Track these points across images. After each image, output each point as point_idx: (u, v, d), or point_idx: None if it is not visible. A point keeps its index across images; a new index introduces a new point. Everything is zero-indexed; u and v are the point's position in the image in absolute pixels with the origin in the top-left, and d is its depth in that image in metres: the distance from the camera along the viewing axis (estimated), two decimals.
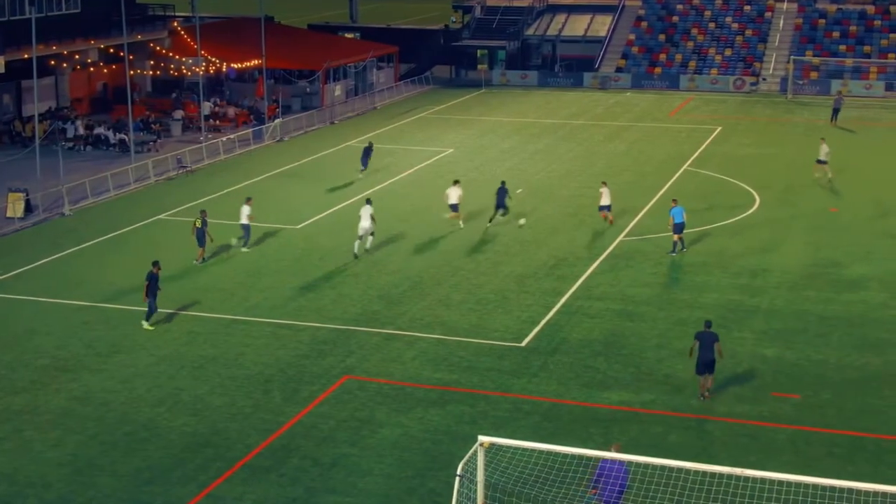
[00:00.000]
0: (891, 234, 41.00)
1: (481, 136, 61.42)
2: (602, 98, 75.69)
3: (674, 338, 30.66)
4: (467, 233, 41.24)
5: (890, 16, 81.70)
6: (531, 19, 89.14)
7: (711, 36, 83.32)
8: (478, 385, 27.53)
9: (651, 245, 39.51)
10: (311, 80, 71.50)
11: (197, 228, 37.67)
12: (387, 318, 32.23)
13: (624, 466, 20.25)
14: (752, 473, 19.61)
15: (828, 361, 29.02)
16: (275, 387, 27.37)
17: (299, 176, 51.61)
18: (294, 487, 22.38)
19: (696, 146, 57.71)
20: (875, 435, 24.83)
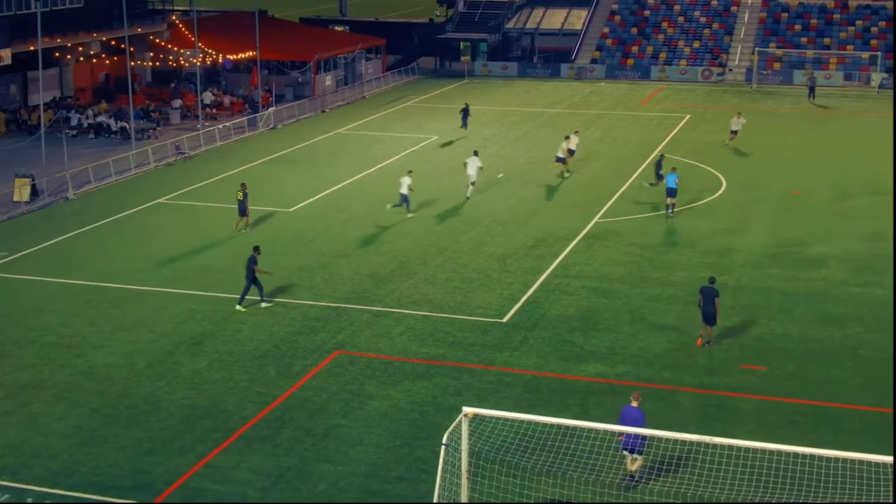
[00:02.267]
0: (850, 215, 41.02)
1: None
2: (578, 88, 75.52)
3: (646, 313, 30.61)
4: (451, 214, 41.09)
5: (848, 10, 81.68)
6: (511, 13, 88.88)
7: (681, 29, 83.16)
8: (462, 359, 27.44)
9: (624, 226, 39.44)
10: (303, 71, 71.15)
11: (238, 200, 38.70)
12: (376, 296, 32.09)
13: (641, 413, 20.86)
14: (719, 441, 19.60)
15: (791, 335, 29.01)
16: (269, 362, 27.22)
17: (292, 161, 51.34)
18: (288, 457, 22.26)
19: (667, 133, 57.62)
20: (836, 404, 24.84)
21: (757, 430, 23.37)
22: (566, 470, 20.88)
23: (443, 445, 18.99)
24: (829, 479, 20.00)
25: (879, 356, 27.57)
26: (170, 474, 21.52)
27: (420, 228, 39.35)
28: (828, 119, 61.24)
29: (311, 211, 42.16)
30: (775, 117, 61.58)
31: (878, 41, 78.08)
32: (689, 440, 21.30)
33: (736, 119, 53.92)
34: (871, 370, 26.73)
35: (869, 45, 77.82)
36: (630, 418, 20.89)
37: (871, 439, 22.85)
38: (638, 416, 20.88)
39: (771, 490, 19.89)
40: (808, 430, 23.52)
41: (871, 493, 19.37)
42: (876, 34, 78.97)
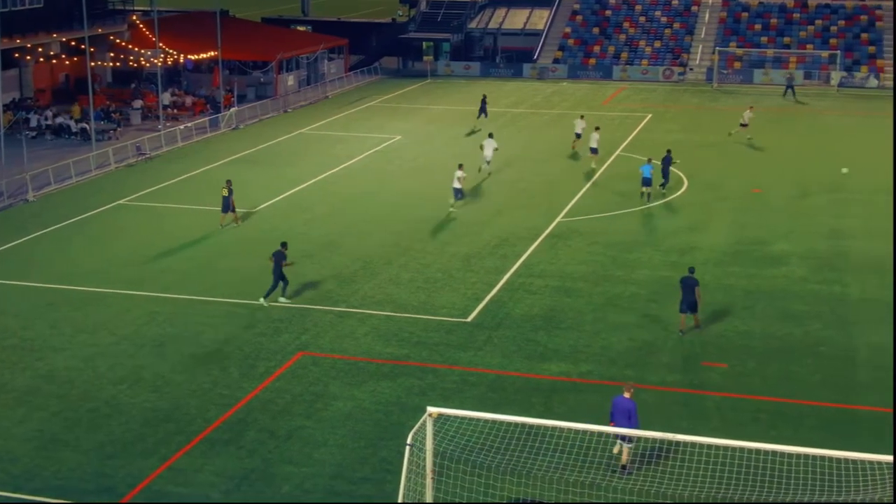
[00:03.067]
0: (810, 213, 41.40)
1: (428, 124, 61.20)
2: (541, 87, 75.71)
3: (609, 312, 30.74)
4: (415, 214, 41.09)
5: (808, 9, 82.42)
6: (473, 13, 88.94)
7: (642, 29, 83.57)
8: (426, 359, 27.44)
9: (587, 225, 39.60)
10: (265, 71, 70.84)
11: (224, 197, 38.87)
12: (340, 297, 32.02)
13: (633, 404, 21.25)
14: (683, 438, 19.74)
15: (752, 332, 29.25)
16: (232, 364, 27.09)
17: (255, 162, 51.12)
18: (252, 459, 22.17)
19: (629, 132, 57.89)
20: (796, 401, 25.06)
21: (720, 426, 23.55)
22: (531, 468, 20.95)
23: (407, 445, 18.98)
24: (791, 475, 20.20)
25: (839, 353, 27.86)
26: (132, 478, 21.36)
27: (384, 228, 39.31)
28: (788, 118, 61.75)
29: (275, 211, 42.00)
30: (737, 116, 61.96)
31: (837, 40, 78.85)
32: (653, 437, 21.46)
33: (748, 112, 55.50)
34: (831, 367, 27.00)
35: (828, 44, 78.56)
36: (622, 409, 21.24)
37: (831, 435, 23.09)
38: (630, 407, 21.22)
39: (734, 487, 20.03)
40: (770, 426, 23.72)
41: (832, 488, 19.57)
42: (835, 33, 79.75)
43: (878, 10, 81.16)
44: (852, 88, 73.90)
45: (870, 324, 29.78)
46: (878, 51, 77.88)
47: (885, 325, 29.61)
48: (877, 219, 40.34)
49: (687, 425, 23.15)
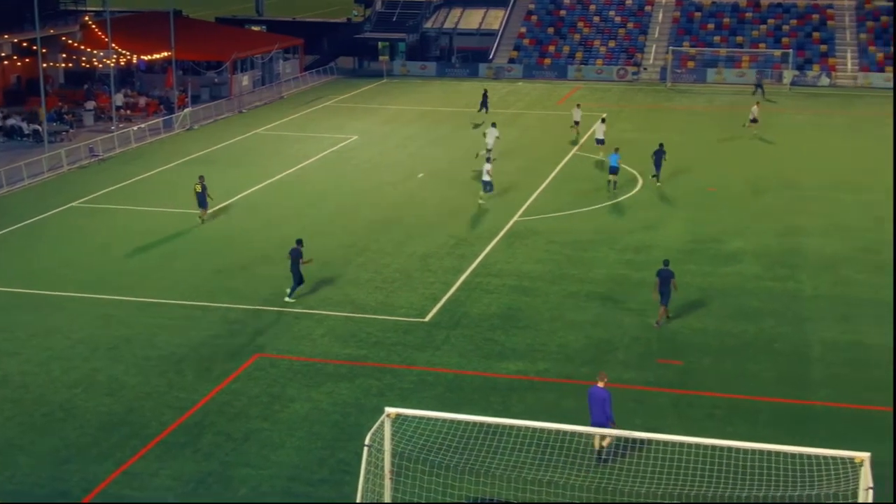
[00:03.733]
0: (763, 211, 41.81)
1: (384, 124, 61.14)
2: (496, 87, 75.79)
3: (566, 310, 30.87)
4: (372, 215, 41.04)
5: (760, 8, 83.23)
6: (429, 13, 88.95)
7: (596, 29, 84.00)
8: (384, 359, 27.41)
9: (544, 224, 39.75)
10: (219, 71, 70.40)
11: (197, 193, 39.17)
12: (297, 298, 31.87)
13: (607, 392, 21.73)
14: (639, 435, 19.92)
15: (707, 330, 29.49)
16: (188, 366, 26.90)
17: (209, 162, 50.78)
18: (208, 462, 22.03)
19: (584, 132, 58.11)
20: (751, 397, 25.30)
21: (675, 423, 23.73)
22: (489, 467, 20.99)
23: (365, 446, 18.94)
24: (747, 471, 20.40)
25: (793, 349, 28.17)
26: (87, 482, 21.16)
27: (341, 229, 39.22)
28: (742, 116, 62.24)
29: (231, 212, 41.75)
30: (691, 115, 62.50)
31: (789, 39, 79.71)
32: (609, 435, 21.60)
33: (755, 108, 57.49)
34: (786, 363, 27.29)
35: (781, 43, 79.40)
36: (596, 398, 21.64)
37: (785, 431, 23.34)
38: (604, 396, 21.60)
39: (691, 483, 20.19)
40: (725, 422, 23.93)
41: (788, 484, 19.78)
42: (787, 32, 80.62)
43: (830, 10, 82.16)
44: (804, 87, 74.71)
45: (823, 320, 30.14)
46: (829, 49, 78.81)
47: (838, 322, 29.99)
48: (829, 216, 40.83)
49: (643, 422, 23.30)
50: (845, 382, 26.10)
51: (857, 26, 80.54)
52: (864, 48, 78.51)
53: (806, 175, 47.68)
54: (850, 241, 37.52)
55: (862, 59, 77.67)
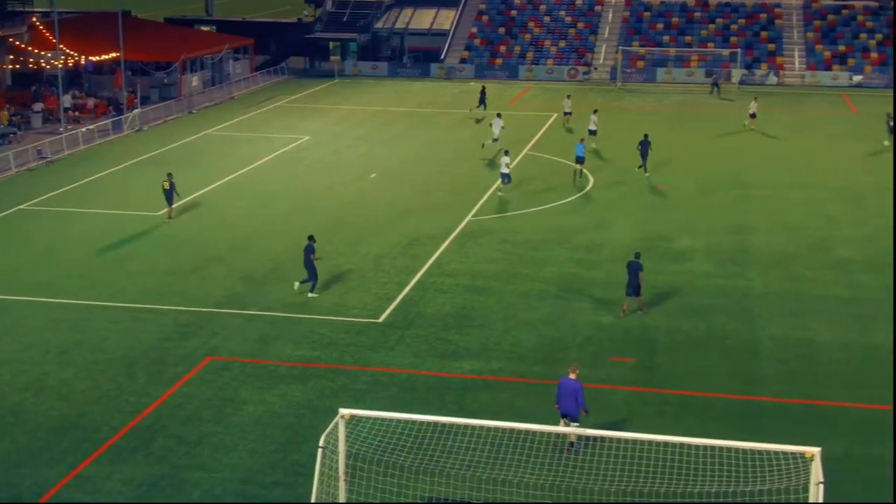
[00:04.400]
0: (713, 209, 42.19)
1: (336, 124, 60.97)
2: (448, 87, 75.92)
3: (519, 309, 30.96)
4: (325, 215, 40.91)
5: (709, 7, 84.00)
6: (380, 13, 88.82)
7: (547, 29, 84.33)
8: (338, 360, 27.33)
9: (497, 224, 39.84)
10: (168, 72, 69.81)
11: (165, 190, 39.47)
12: (249, 300, 31.72)
13: (579, 383, 22.08)
14: (591, 433, 20.04)
15: (659, 327, 29.71)
16: (139, 369, 26.65)
17: (160, 164, 50.30)
18: (161, 466, 21.84)
19: (535, 132, 58.38)
20: (702, 393, 25.52)
21: (628, 420, 23.88)
22: (444, 467, 21.00)
23: (319, 448, 18.87)
24: (700, 467, 20.56)
25: (744, 345, 28.45)
26: (39, 486, 20.90)
27: (294, 229, 39.03)
28: (691, 115, 62.82)
29: (182, 214, 41.39)
30: (641, 114, 62.92)
31: (737, 38, 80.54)
32: (563, 432, 21.70)
33: (753, 103, 59.13)
34: (737, 359, 27.56)
35: (729, 43, 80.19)
36: (567, 389, 21.97)
37: (737, 427, 23.57)
38: (576, 387, 21.91)
39: (644, 479, 20.32)
40: (678, 419, 24.11)
41: (740, 479, 19.97)
42: (735, 31, 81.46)
43: (778, 9, 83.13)
44: (753, 86, 75.48)
45: (773, 317, 30.47)
46: (777, 48, 79.73)
47: (788, 318, 30.33)
48: (778, 214, 41.30)
49: (596, 420, 23.40)
50: (796, 378, 26.41)
51: (805, 25, 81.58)
52: (812, 47, 79.53)
53: (755, 173, 48.19)
54: (799, 239, 37.98)
55: (809, 58, 78.67)
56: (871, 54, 78.02)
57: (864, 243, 37.38)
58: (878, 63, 77.27)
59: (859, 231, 38.94)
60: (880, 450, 22.66)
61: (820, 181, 46.67)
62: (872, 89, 74.46)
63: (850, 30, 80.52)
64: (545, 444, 22.08)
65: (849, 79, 76.09)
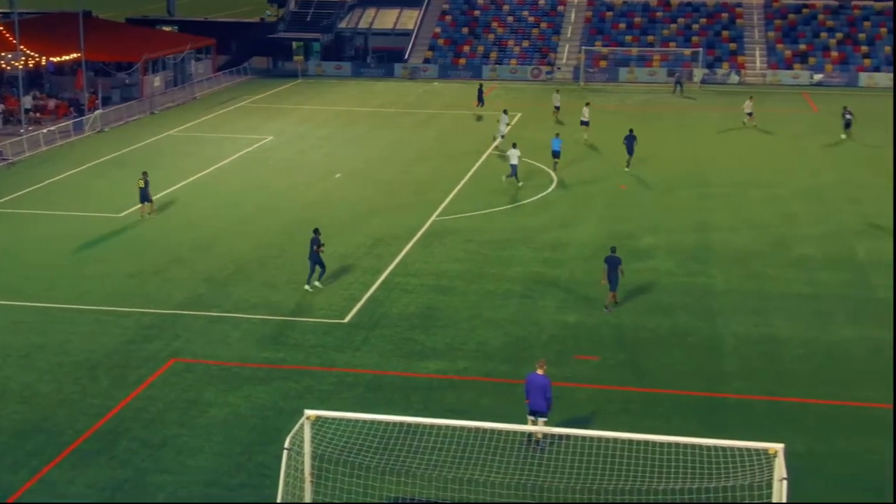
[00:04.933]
0: (675, 207, 42.44)
1: (299, 124, 60.79)
2: (412, 87, 75.91)
3: (484, 309, 31.00)
4: (289, 216, 40.76)
5: (670, 7, 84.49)
6: (343, 13, 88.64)
7: (510, 29, 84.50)
8: (303, 361, 27.25)
9: (462, 224, 39.86)
10: (130, 72, 69.29)
11: (141, 189, 39.87)
12: (213, 301, 31.55)
13: (547, 379, 22.15)
14: (556, 431, 20.10)
15: (623, 325, 29.84)
16: (102, 372, 26.44)
17: (121, 165, 49.96)
18: (124, 469, 21.67)
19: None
20: (667, 391, 25.67)
21: (592, 418, 23.98)
22: (409, 467, 20.99)
23: (285, 450, 18.81)
24: (664, 464, 20.68)
25: (706, 343, 28.64)
26: (3, 490, 20.68)
27: (257, 230, 38.88)
28: (653, 114, 63.14)
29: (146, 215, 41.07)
30: (604, 114, 63.15)
31: (699, 38, 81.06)
32: (528, 430, 21.76)
33: (748, 102, 60.32)
34: (699, 356, 27.74)
35: (691, 42, 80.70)
36: (536, 384, 22.07)
37: (700, 424, 23.73)
38: (544, 383, 22.00)
39: (609, 477, 20.40)
40: (642, 416, 24.23)
41: (704, 475, 20.09)
42: (697, 31, 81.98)
43: (739, 8, 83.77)
44: (714, 85, 76.03)
45: (735, 314, 30.68)
46: (738, 48, 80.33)
47: (749, 315, 30.56)
48: (739, 211, 41.61)
49: (560, 417, 23.49)
50: (758, 375, 26.61)
51: (766, 24, 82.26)
52: (773, 46, 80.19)
53: (716, 172, 48.54)
54: (760, 237, 38.28)
55: (770, 57, 79.32)
56: (831, 53, 78.79)
57: (824, 241, 37.75)
58: (839, 62, 78.06)
59: (820, 229, 39.32)
60: (842, 445, 22.90)
61: (781, 179, 47.08)
62: (833, 87, 75.21)
63: (810, 29, 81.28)
64: (511, 442, 22.12)
65: (809, 77, 76.81)
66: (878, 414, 24.42)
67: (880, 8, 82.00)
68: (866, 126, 58.62)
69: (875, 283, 33.23)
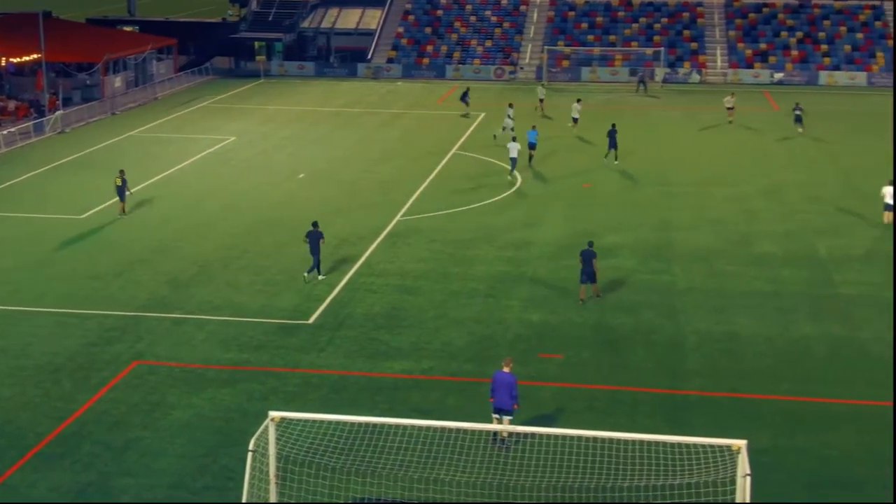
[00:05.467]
0: (638, 206, 42.64)
1: (262, 125, 60.53)
2: (376, 87, 75.81)
3: (449, 308, 31.01)
4: (252, 216, 40.57)
5: (632, 7, 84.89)
6: (306, 13, 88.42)
7: (473, 28, 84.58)
8: (267, 363, 27.13)
9: (426, 223, 39.85)
10: (90, 73, 68.72)
11: (117, 186, 40.29)
12: (175, 303, 31.35)
13: (513, 377, 22.18)
14: (521, 429, 20.13)
15: (587, 323, 29.96)
16: (64, 375, 26.20)
17: (81, 166, 49.55)
18: (87, 473, 21.49)
19: (463, 131, 58.53)
20: (630, 388, 25.78)
21: (557, 416, 24.05)
22: (375, 467, 20.96)
23: (249, 452, 18.73)
24: (628, 461, 20.79)
25: (669, 340, 28.80)
26: None
27: (221, 231, 38.68)
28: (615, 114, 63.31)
29: (105, 217, 40.78)
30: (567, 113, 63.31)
31: (661, 37, 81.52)
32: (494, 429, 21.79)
33: (729, 98, 61.58)
34: (663, 354, 27.89)
35: (652, 42, 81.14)
36: (502, 382, 22.07)
37: (664, 421, 23.86)
38: (510, 381, 22.04)
39: (574, 475, 20.46)
40: (606, 414, 24.33)
41: (668, 472, 20.21)
42: (659, 30, 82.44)
43: (700, 7, 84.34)
44: (676, 84, 76.50)
45: (697, 311, 30.89)
46: (700, 47, 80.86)
47: (711, 313, 30.76)
48: (701, 210, 41.89)
49: (525, 416, 23.54)
50: (721, 372, 26.80)
51: (726, 24, 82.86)
52: (734, 45, 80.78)
53: (679, 170, 48.85)
54: (722, 235, 38.55)
55: (731, 56, 79.91)
56: (791, 52, 79.49)
57: (784, 238, 38.08)
58: (799, 60, 78.77)
59: (780, 226, 39.66)
60: (804, 441, 23.11)
61: (742, 177, 47.44)
62: (793, 86, 75.88)
63: (770, 28, 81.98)
64: (477, 441, 22.14)
65: (770, 76, 77.48)
66: (837, 410, 24.67)
67: (840, 7, 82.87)
68: (827, 124, 59.21)
69: (836, 280, 33.57)
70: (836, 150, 53.31)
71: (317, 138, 56.78)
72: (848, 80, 76.35)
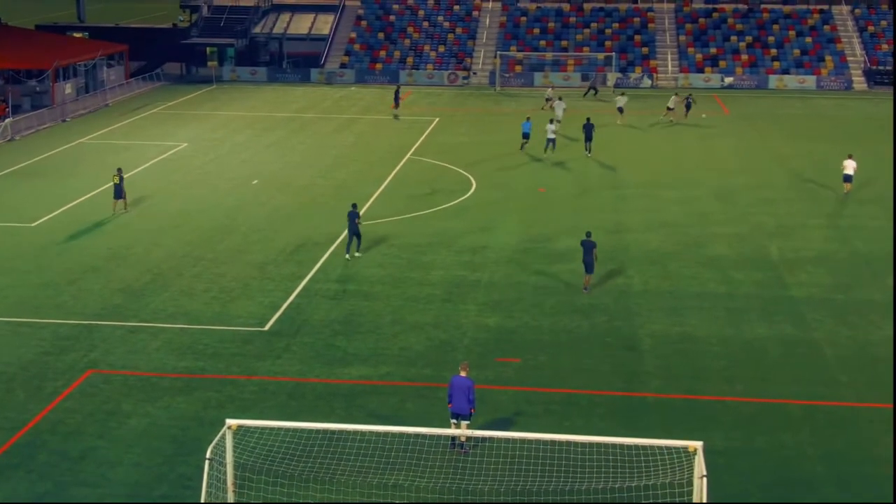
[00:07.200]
0: (591, 209, 42.91)
1: (214, 131, 60.18)
2: (329, 92, 75.66)
3: (406, 313, 31.02)
4: (205, 223, 40.33)
5: (583, 12, 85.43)
6: (257, 18, 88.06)
7: (426, 34, 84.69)
8: (223, 370, 26.99)
9: (383, 229, 39.82)
10: (40, 80, 67.96)
11: (115, 184, 41.48)
12: (129, 311, 31.08)
13: (470, 381, 22.29)
14: (479, 433, 20.20)
15: (543, 327, 30.10)
16: (17, 385, 25.88)
17: (32, 174, 48.97)
18: (43, 482, 21.25)
19: (417, 136, 58.58)
20: (587, 391, 25.94)
21: (514, 419, 24.13)
22: (334, 474, 20.93)
23: (206, 460, 18.63)
24: (585, 463, 20.91)
25: (625, 343, 29.01)
26: None
27: (173, 238, 38.40)
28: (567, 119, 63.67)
29: (56, 225, 40.34)
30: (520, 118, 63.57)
31: (612, 42, 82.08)
32: (451, 434, 21.83)
33: (674, 98, 64.14)
34: (618, 356, 28.09)
35: (604, 47, 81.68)
36: (459, 386, 22.22)
37: (621, 423, 24.03)
38: (468, 385, 22.10)
39: (531, 478, 20.56)
40: (563, 417, 24.45)
41: (625, 474, 20.36)
42: (610, 35, 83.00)
43: (650, 13, 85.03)
44: (627, 89, 76.97)
45: (652, 313, 31.14)
46: (651, 52, 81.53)
47: (666, 315, 31.03)
48: (653, 212, 42.24)
49: (483, 420, 23.61)
50: (676, 373, 27.04)
51: (677, 29, 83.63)
52: (684, 50, 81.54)
53: (631, 173, 49.22)
54: (675, 237, 38.91)
55: (682, 61, 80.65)
56: (741, 56, 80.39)
57: (735, 240, 38.51)
58: (749, 65, 79.68)
59: (731, 228, 40.09)
60: (760, 441, 23.36)
61: (693, 180, 47.90)
62: (744, 90, 76.78)
63: (720, 32, 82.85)
64: (435, 446, 22.17)
65: (720, 80, 78.29)
66: (790, 410, 24.97)
67: (788, 11, 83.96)
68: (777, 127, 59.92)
69: (788, 282, 34.00)
70: (786, 153, 54.00)
71: (270, 144, 56.56)
72: (797, 84, 77.37)
